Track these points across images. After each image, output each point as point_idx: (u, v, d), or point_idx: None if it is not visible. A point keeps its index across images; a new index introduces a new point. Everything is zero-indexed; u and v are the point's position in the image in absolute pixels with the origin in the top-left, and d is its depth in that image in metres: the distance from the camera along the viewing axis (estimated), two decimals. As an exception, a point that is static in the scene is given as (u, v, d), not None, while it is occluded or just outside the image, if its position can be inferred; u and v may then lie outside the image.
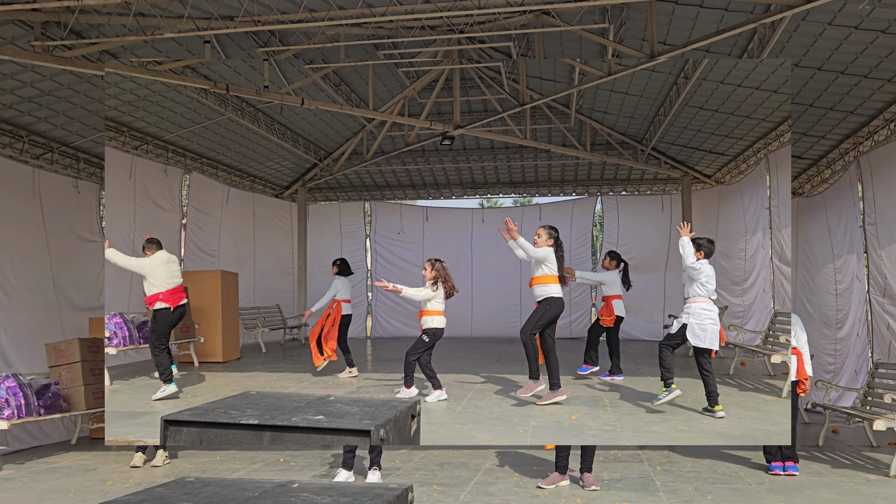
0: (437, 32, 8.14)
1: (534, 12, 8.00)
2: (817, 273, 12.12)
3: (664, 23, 8.61)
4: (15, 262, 10.12)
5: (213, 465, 7.55)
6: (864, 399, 8.68)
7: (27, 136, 10.55)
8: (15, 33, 7.82)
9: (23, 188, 10.49)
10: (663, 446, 8.23)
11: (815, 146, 11.71)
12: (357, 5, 7.42)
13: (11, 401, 7.87)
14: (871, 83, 8.88)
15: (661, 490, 6.33)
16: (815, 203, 12.41)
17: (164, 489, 2.79)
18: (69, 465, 7.91)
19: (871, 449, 8.21)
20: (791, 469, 6.89)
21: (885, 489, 6.45)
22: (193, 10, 7.48)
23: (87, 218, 11.91)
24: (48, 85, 9.37)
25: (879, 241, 9.57)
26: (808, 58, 8.58)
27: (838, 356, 11.00)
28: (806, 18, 7.63)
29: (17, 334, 9.91)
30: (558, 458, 6.51)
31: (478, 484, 6.58)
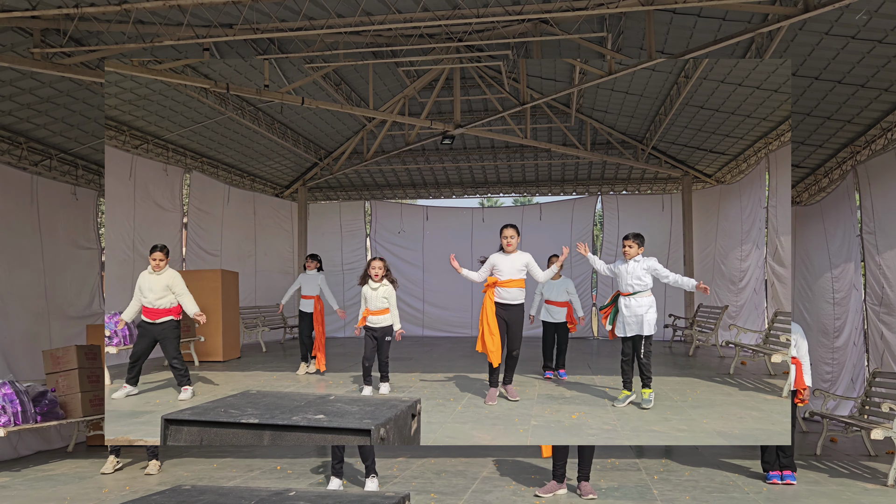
0: (435, 41, 8.14)
1: (532, 21, 7.99)
2: (815, 282, 12.13)
3: (662, 31, 8.61)
4: (10, 268, 10.10)
5: (209, 472, 7.57)
6: (862, 408, 8.70)
7: (26, 142, 10.55)
8: (14, 40, 7.82)
9: (21, 195, 10.46)
10: (660, 449, 8.28)
11: (812, 155, 11.71)
12: (356, 13, 7.41)
13: (8, 408, 7.86)
14: (868, 92, 8.88)
15: (659, 499, 6.34)
16: (812, 212, 12.41)
17: (161, 497, 2.79)
18: (66, 473, 7.91)
19: (869, 458, 8.22)
20: (789, 478, 6.90)
21: (883, 498, 6.46)
22: (193, 17, 7.48)
23: (83, 225, 11.89)
24: (47, 92, 9.37)
25: (878, 249, 9.57)
26: (805, 67, 8.58)
27: (835, 365, 11.02)
28: (803, 28, 7.62)
29: (10, 342, 9.89)
30: (555, 467, 6.52)
31: (475, 492, 6.60)
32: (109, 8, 6.88)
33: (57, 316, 11.03)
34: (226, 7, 7.33)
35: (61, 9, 7.03)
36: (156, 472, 7.59)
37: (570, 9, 6.94)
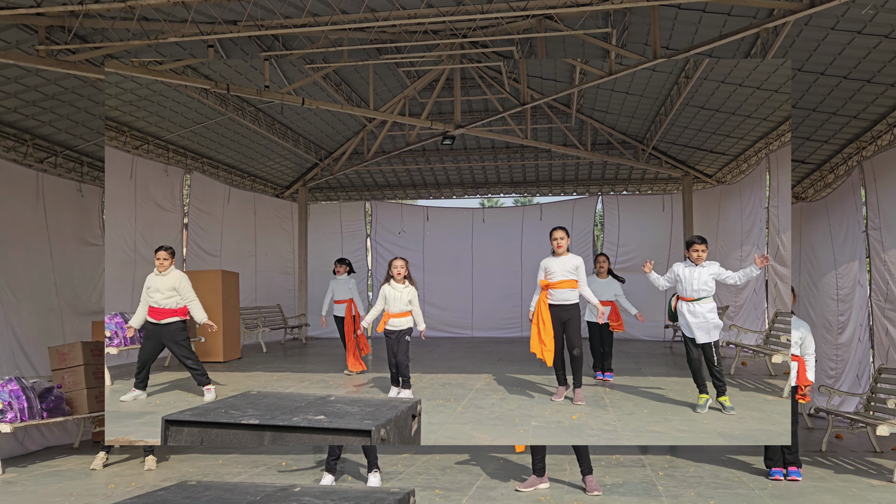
0: (439, 37, 8.13)
1: (536, 17, 8.00)
2: (820, 278, 12.12)
3: (667, 27, 8.61)
4: (20, 265, 10.14)
5: (215, 468, 7.56)
6: (868, 404, 8.69)
7: (31, 139, 10.54)
8: (19, 37, 7.80)
9: (27, 191, 10.48)
10: (664, 446, 8.26)
11: (818, 151, 11.70)
12: (360, 10, 7.41)
13: (14, 404, 7.88)
14: (874, 88, 8.88)
15: (664, 495, 6.34)
16: (817, 208, 12.41)
17: (167, 493, 2.78)
18: (72, 469, 7.91)
19: (875, 454, 8.22)
20: (794, 474, 6.90)
21: (889, 495, 6.45)
22: (197, 14, 7.47)
23: (90, 222, 11.89)
24: (52, 89, 9.36)
25: (883, 245, 9.57)
26: (811, 62, 8.58)
27: (839, 361, 11.01)
28: (809, 23, 7.62)
29: (23, 337, 9.93)
30: (534, 462, 6.55)
31: (480, 488, 6.59)
32: (114, 5, 6.86)
33: (69, 311, 11.09)
34: (230, 4, 7.34)
35: (66, 6, 7.02)
36: (154, 466, 7.60)
37: (574, 4, 6.94)
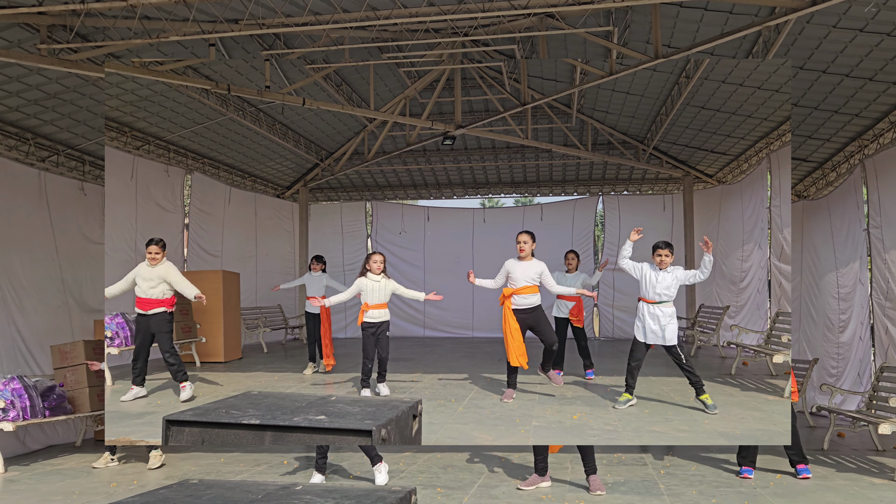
0: (441, 35, 8.13)
1: (538, 15, 8.00)
2: (821, 277, 12.11)
3: (668, 25, 8.61)
4: (26, 264, 10.16)
5: (216, 467, 7.56)
6: (869, 402, 8.68)
7: (33, 138, 10.55)
8: (21, 36, 7.81)
9: (30, 190, 10.51)
10: (665, 446, 8.25)
11: (819, 149, 11.70)
12: (361, 8, 7.41)
13: (17, 402, 7.89)
14: (876, 86, 8.88)
15: (665, 493, 6.33)
16: (819, 206, 12.40)
17: (168, 491, 2.79)
18: (74, 467, 7.91)
19: (877, 453, 8.20)
20: (804, 472, 6.90)
21: (891, 493, 6.45)
22: (198, 13, 7.47)
23: (93, 220, 11.91)
24: (54, 88, 9.37)
25: (885, 244, 9.57)
26: (812, 60, 8.58)
27: (840, 360, 11.01)
28: (811, 21, 7.63)
29: (30, 335, 9.94)
30: (536, 461, 6.55)
31: (481, 487, 6.58)
32: (115, 4, 6.86)
33: (77, 309, 11.14)
34: (231, 2, 7.34)
35: (67, 4, 7.02)
36: (158, 463, 7.58)
37: (576, 2, 6.94)
